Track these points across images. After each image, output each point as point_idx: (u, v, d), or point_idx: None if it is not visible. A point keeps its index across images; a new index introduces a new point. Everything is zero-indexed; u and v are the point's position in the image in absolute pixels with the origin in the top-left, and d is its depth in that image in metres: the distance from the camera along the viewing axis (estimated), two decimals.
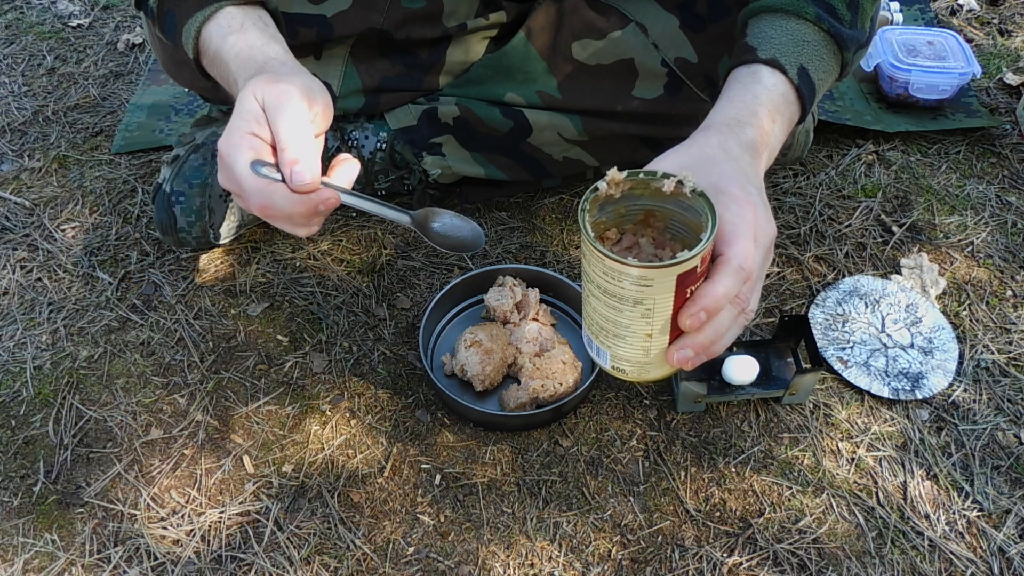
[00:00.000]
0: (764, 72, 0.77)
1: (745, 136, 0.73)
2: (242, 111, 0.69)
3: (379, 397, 0.98)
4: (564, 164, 1.11)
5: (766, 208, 0.68)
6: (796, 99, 0.78)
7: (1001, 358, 1.02)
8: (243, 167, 0.67)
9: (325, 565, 0.84)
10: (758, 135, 0.74)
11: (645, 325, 0.63)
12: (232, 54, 0.75)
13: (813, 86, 0.79)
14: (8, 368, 1.00)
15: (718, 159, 0.70)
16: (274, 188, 0.68)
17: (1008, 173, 1.27)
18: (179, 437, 0.94)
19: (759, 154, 0.73)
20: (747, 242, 0.63)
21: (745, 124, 0.74)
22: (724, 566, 0.84)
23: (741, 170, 0.69)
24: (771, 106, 0.76)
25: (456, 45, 1.05)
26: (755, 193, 0.67)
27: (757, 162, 0.72)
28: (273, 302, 1.07)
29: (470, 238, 0.80)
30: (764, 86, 0.77)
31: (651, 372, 0.68)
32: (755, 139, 0.73)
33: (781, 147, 0.92)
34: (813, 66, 0.79)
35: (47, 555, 0.85)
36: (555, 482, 0.91)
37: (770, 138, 0.75)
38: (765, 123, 0.75)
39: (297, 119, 0.68)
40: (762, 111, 0.75)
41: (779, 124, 0.77)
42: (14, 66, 1.45)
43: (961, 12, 1.60)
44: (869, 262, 1.14)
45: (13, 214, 1.18)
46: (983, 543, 0.87)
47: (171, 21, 0.79)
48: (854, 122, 1.31)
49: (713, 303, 0.62)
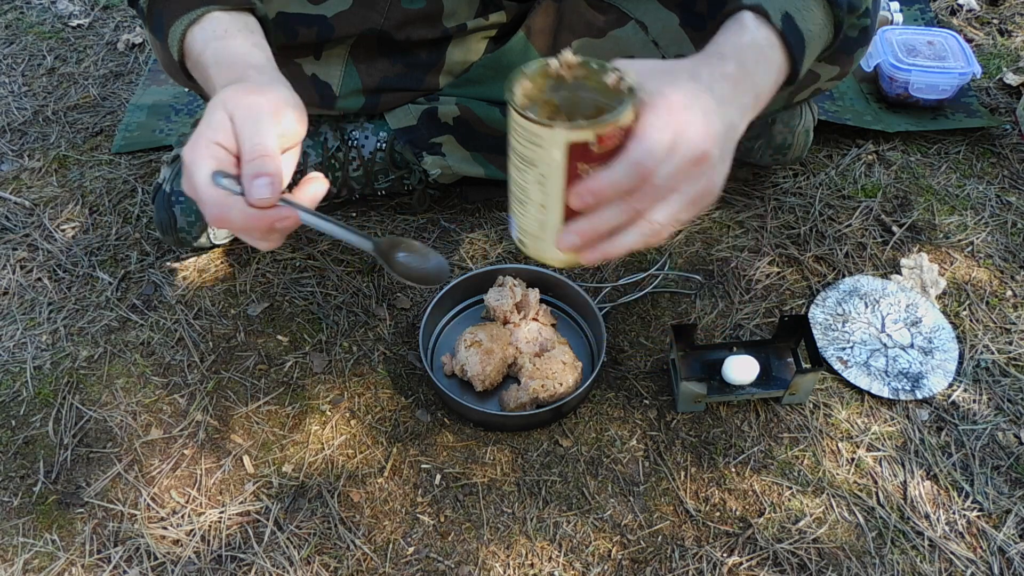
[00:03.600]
0: (747, 16, 0.76)
1: (725, 68, 0.72)
2: (210, 120, 0.68)
3: (379, 397, 0.98)
4: None
5: (706, 124, 0.66)
6: (782, 46, 0.77)
7: (1001, 358, 1.02)
8: (203, 177, 0.66)
9: (325, 565, 0.84)
10: (738, 71, 0.73)
11: (539, 193, 0.64)
12: (213, 60, 0.75)
13: (801, 35, 0.77)
14: (8, 368, 1.00)
15: (679, 73, 0.69)
16: (231, 201, 0.66)
17: (1008, 173, 1.27)
18: (179, 437, 0.94)
19: (738, 87, 0.73)
20: (654, 143, 0.62)
21: (727, 58, 0.74)
22: (724, 566, 0.84)
23: (701, 87, 0.69)
24: (755, 48, 0.76)
25: (456, 45, 1.05)
26: (700, 105, 0.67)
27: (735, 92, 0.72)
28: (273, 302, 1.07)
29: (434, 272, 0.79)
30: (747, 29, 0.76)
31: (546, 252, 0.69)
32: (734, 73, 0.73)
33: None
34: (800, 15, 0.77)
35: (47, 555, 0.85)
36: (555, 482, 0.91)
37: (754, 78, 0.75)
38: (748, 63, 0.75)
39: (263, 133, 0.67)
40: (746, 52, 0.75)
41: (763, 69, 0.76)
42: (14, 66, 1.45)
43: (961, 12, 1.60)
44: (869, 262, 1.14)
45: (13, 214, 1.18)
46: (983, 543, 0.87)
47: (159, 22, 0.79)
48: (854, 122, 1.31)
49: (598, 187, 0.62)
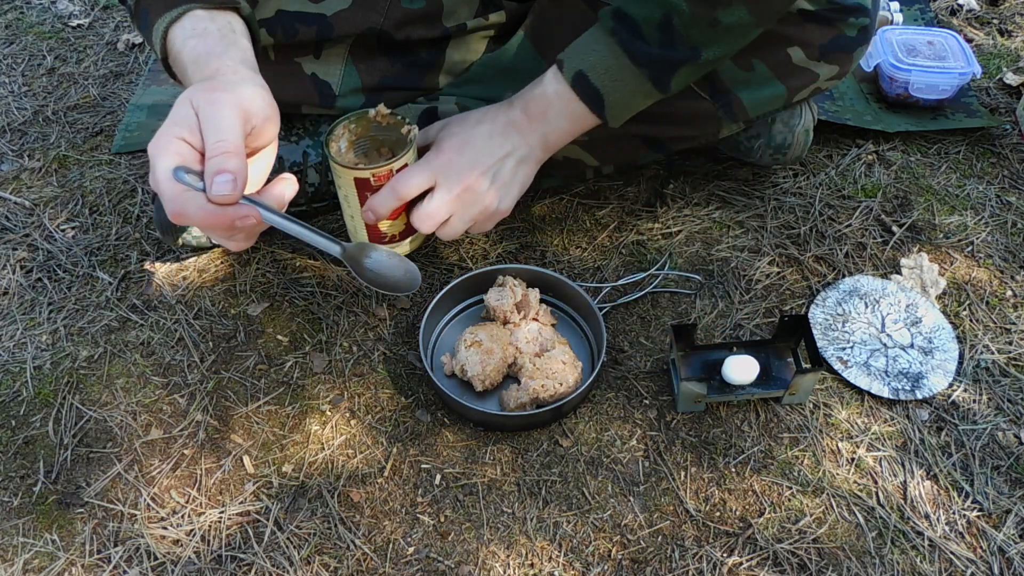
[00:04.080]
0: (550, 71, 0.93)
1: (511, 114, 0.94)
2: (175, 115, 0.68)
3: (379, 397, 0.98)
4: (563, 164, 1.11)
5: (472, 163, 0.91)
6: (576, 99, 0.91)
7: (1001, 358, 1.02)
8: (163, 171, 0.66)
9: (325, 565, 0.84)
10: (522, 116, 0.93)
11: (347, 206, 0.92)
12: (190, 58, 0.75)
13: (597, 92, 0.91)
14: (8, 368, 1.00)
15: (468, 120, 0.94)
16: (189, 196, 0.66)
17: (1008, 173, 1.27)
18: (179, 437, 0.94)
19: (523, 129, 0.93)
20: (415, 178, 0.88)
21: (515, 105, 0.94)
22: (724, 566, 0.84)
23: (478, 134, 0.92)
24: (543, 98, 0.93)
25: (456, 45, 1.05)
26: (469, 149, 0.91)
27: (520, 133, 0.93)
28: (273, 302, 1.07)
29: (404, 280, 0.80)
30: (541, 82, 0.93)
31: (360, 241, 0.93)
32: (519, 118, 0.93)
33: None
34: (595, 73, 0.90)
35: (47, 555, 0.85)
36: (555, 482, 0.91)
37: (543, 124, 0.93)
38: (532, 109, 0.93)
39: (226, 129, 0.67)
40: (531, 102, 0.93)
41: (554, 115, 0.93)
42: (14, 66, 1.45)
43: (961, 12, 1.60)
44: (869, 262, 1.14)
45: (13, 214, 1.18)
46: (983, 543, 0.87)
47: (145, 19, 0.79)
48: (854, 122, 1.31)
49: (373, 207, 0.89)
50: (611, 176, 1.23)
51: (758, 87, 0.99)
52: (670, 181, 1.23)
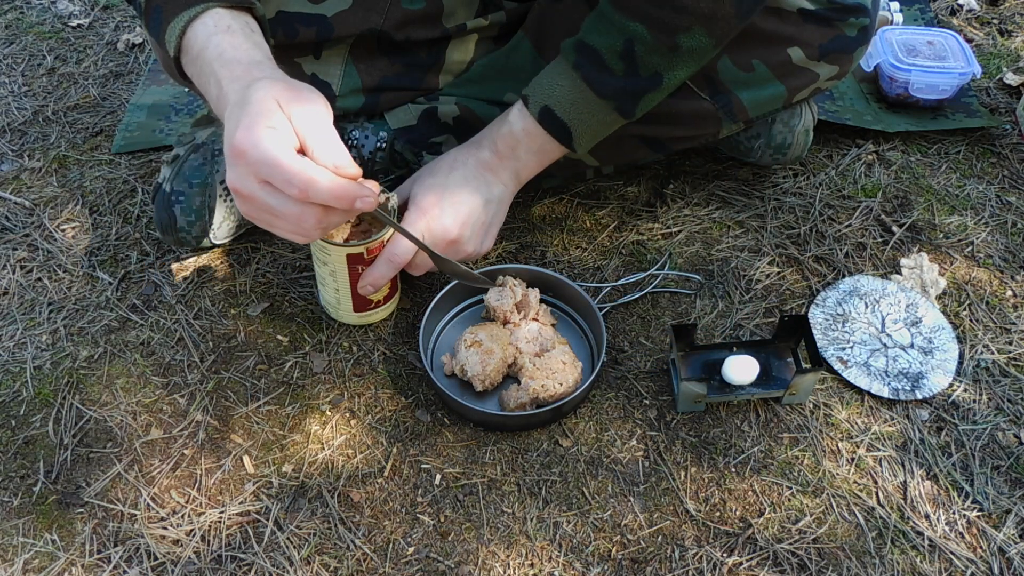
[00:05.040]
0: (515, 107, 0.95)
1: (481, 155, 0.97)
2: (263, 110, 0.69)
3: (379, 397, 0.98)
4: (564, 164, 1.11)
5: (454, 213, 0.94)
6: (544, 133, 0.93)
7: (1001, 358, 1.02)
8: (284, 150, 0.68)
9: (325, 565, 0.84)
10: (492, 157, 0.96)
11: (333, 281, 0.96)
12: (215, 54, 0.75)
13: (564, 125, 0.92)
14: (8, 368, 1.00)
15: (439, 169, 0.97)
16: (320, 170, 0.69)
17: (1008, 173, 1.27)
18: (179, 437, 0.94)
19: (495, 169, 0.97)
20: (406, 244, 0.92)
21: (483, 146, 0.97)
22: (724, 566, 0.84)
23: (453, 182, 0.95)
24: (511, 136, 0.95)
25: (456, 45, 1.05)
26: (447, 200, 0.94)
27: (493, 173, 0.97)
28: (273, 302, 1.07)
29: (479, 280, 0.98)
30: (507, 119, 0.96)
31: (343, 316, 1.02)
32: (489, 159, 0.96)
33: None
34: (562, 108, 0.91)
35: (47, 555, 0.85)
36: (555, 482, 0.91)
37: (513, 161, 0.96)
38: (501, 148, 0.96)
39: (326, 122, 0.71)
40: (499, 140, 0.96)
41: (524, 151, 0.96)
42: (14, 66, 1.45)
43: (961, 12, 1.60)
44: (869, 262, 1.14)
45: (13, 214, 1.18)
46: (983, 543, 0.87)
47: (157, 17, 0.79)
48: (854, 122, 1.31)
49: (371, 281, 0.94)
50: (611, 176, 1.23)
51: (758, 87, 0.99)
52: (670, 181, 1.23)
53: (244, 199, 0.72)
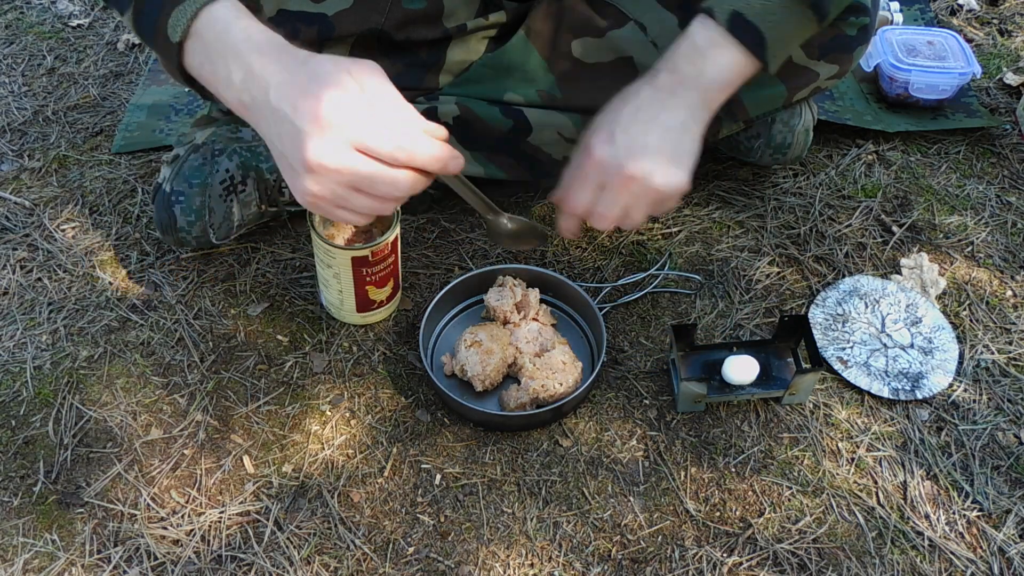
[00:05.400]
0: (695, 23, 0.87)
1: (657, 82, 0.87)
2: (341, 80, 0.68)
3: (379, 397, 0.98)
4: (564, 163, 1.11)
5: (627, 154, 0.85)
6: (734, 43, 0.85)
7: (1001, 358, 1.02)
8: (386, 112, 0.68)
9: (325, 565, 0.84)
10: (672, 78, 0.86)
11: (337, 283, 0.97)
12: (243, 36, 0.73)
13: (757, 30, 0.84)
14: (8, 368, 1.00)
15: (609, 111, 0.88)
16: (421, 132, 0.69)
17: (1008, 173, 1.27)
18: (179, 437, 0.94)
19: (676, 93, 0.86)
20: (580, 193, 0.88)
21: (659, 71, 0.87)
22: (724, 566, 0.84)
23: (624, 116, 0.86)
24: (691, 51, 0.86)
25: (456, 45, 1.05)
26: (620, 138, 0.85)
27: (671, 99, 0.86)
28: (273, 302, 1.07)
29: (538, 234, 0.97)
30: (687, 37, 0.87)
31: (345, 316, 1.03)
32: (667, 83, 0.87)
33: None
34: (752, 11, 0.84)
35: (47, 555, 0.85)
36: (555, 482, 0.91)
37: (697, 79, 0.86)
38: (682, 67, 0.86)
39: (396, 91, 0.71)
40: (680, 59, 0.87)
41: (710, 66, 0.86)
42: (14, 66, 1.45)
43: (961, 12, 1.60)
44: (869, 262, 1.14)
45: (13, 214, 1.18)
46: (983, 543, 0.87)
47: (155, 4, 0.76)
48: (854, 122, 1.31)
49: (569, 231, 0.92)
50: None
51: (758, 86, 0.99)
52: None
53: (328, 172, 0.69)
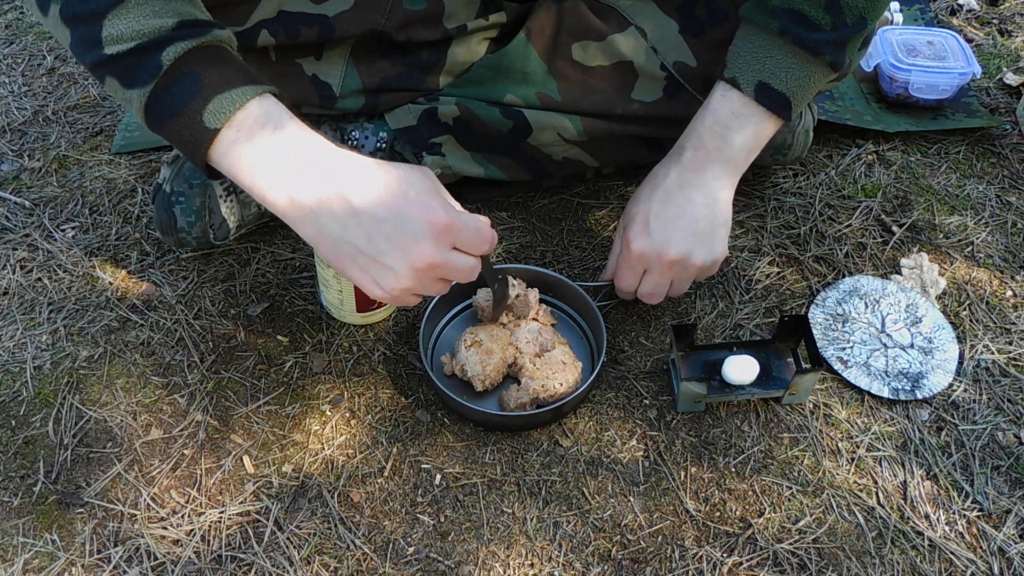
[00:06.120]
0: (717, 91, 0.92)
1: (683, 161, 0.93)
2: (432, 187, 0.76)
3: (379, 397, 0.98)
4: (564, 164, 1.11)
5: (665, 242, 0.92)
6: (761, 111, 0.91)
7: (1001, 358, 1.02)
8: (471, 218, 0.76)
9: (325, 565, 0.84)
10: (697, 155, 0.93)
11: (336, 284, 0.98)
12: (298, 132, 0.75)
13: (783, 96, 0.90)
14: (8, 368, 1.00)
15: (639, 199, 0.95)
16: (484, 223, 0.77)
17: (1008, 173, 1.27)
18: (179, 437, 0.94)
19: (704, 169, 0.93)
20: (626, 279, 0.97)
21: (684, 148, 0.94)
22: (724, 566, 0.84)
23: (656, 202, 0.93)
24: (715, 124, 0.92)
25: (456, 46, 1.05)
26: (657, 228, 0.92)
27: (697, 176, 0.93)
28: (273, 302, 1.07)
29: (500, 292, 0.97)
30: (710, 107, 0.92)
31: (346, 317, 1.03)
32: (693, 161, 0.93)
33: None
34: (778, 79, 0.90)
35: (47, 555, 0.85)
36: (555, 482, 0.91)
37: (721, 152, 0.92)
38: (708, 141, 0.92)
39: None
40: (705, 135, 0.92)
41: (736, 135, 0.91)
42: (14, 66, 1.45)
43: (961, 12, 1.60)
44: (869, 262, 1.14)
45: (13, 214, 1.18)
46: (983, 543, 0.87)
47: (193, 84, 0.74)
48: (854, 122, 1.31)
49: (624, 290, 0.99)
50: (611, 176, 1.23)
51: None
52: None
53: (433, 269, 0.75)
